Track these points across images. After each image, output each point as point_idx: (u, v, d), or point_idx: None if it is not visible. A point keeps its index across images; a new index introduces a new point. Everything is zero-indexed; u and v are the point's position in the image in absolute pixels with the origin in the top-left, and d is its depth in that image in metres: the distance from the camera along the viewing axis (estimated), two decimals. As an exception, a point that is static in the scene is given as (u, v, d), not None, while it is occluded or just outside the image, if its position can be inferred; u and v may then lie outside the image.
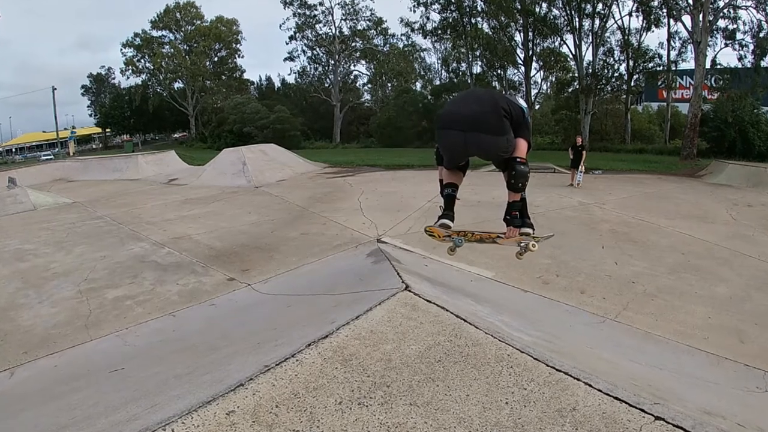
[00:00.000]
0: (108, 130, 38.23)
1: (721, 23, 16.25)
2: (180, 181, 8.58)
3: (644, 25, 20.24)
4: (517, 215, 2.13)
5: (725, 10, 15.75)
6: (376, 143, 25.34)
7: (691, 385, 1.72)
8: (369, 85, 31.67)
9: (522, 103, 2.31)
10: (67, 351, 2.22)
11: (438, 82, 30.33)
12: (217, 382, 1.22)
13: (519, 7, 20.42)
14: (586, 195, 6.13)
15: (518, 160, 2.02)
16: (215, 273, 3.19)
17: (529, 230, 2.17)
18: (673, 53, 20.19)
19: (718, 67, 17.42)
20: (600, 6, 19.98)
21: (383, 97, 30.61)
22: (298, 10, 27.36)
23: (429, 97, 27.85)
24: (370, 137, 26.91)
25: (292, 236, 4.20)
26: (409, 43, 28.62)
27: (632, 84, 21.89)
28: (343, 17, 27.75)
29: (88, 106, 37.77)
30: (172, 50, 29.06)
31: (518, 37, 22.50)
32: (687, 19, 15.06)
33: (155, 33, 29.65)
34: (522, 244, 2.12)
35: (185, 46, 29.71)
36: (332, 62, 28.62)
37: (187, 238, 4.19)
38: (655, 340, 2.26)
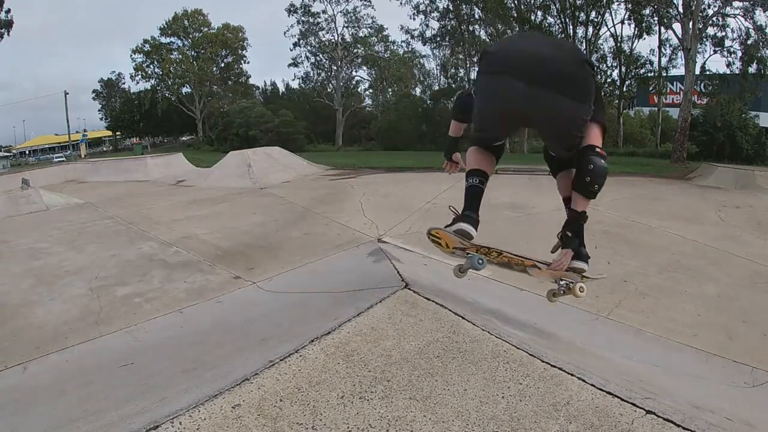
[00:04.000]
0: (118, 133, 39.01)
1: (711, 31, 16.61)
2: (187, 183, 8.71)
3: (636, 32, 20.70)
4: (573, 236, 1.55)
5: (714, 18, 16.09)
6: (377, 146, 25.64)
7: (680, 381, 1.74)
8: (370, 90, 32.21)
9: None
10: (78, 346, 2.28)
11: (437, 87, 30.85)
12: (223, 377, 1.27)
13: (515, 15, 20.91)
14: (584, 197, 6.11)
15: (597, 150, 1.41)
16: (221, 271, 3.25)
17: (584, 265, 1.62)
18: (663, 60, 20.65)
19: (708, 73, 17.83)
20: (593, 14, 20.44)
21: (384, 101, 31.09)
22: (302, 18, 28.03)
23: (428, 101, 28.27)
24: (372, 140, 27.23)
25: (295, 236, 4.26)
26: (409, 49, 29.16)
27: (624, 89, 22.35)
28: (346, 24, 28.34)
29: (99, 110, 38.61)
30: (180, 56, 29.69)
31: (514, 45, 22.92)
32: (677, 26, 15.37)
33: (164, 39, 30.34)
34: (563, 282, 1.59)
35: (193, 53, 30.37)
36: (335, 68, 29.14)
37: (194, 238, 4.27)
38: (646, 337, 2.27)
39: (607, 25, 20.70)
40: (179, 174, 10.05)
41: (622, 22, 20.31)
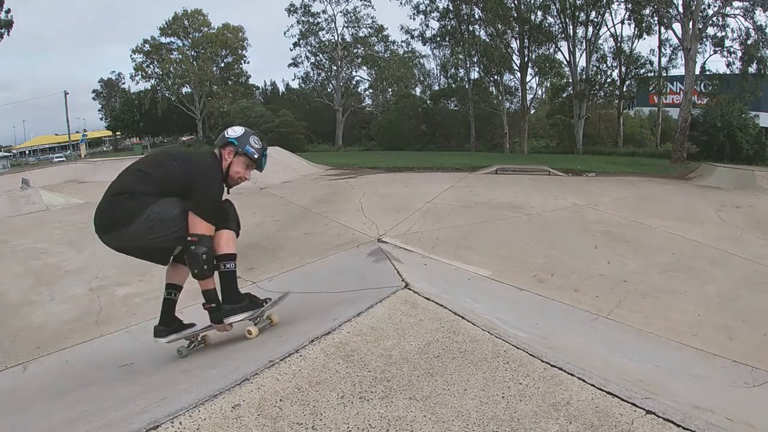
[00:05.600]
0: (118, 133, 39.05)
1: (710, 31, 16.67)
2: (187, 183, 8.69)
3: (636, 32, 20.74)
4: (215, 307, 1.80)
5: (714, 18, 16.13)
6: (377, 146, 25.68)
7: (680, 381, 1.74)
8: (370, 90, 32.23)
9: (232, 133, 1.84)
10: (78, 346, 2.28)
11: (437, 87, 30.94)
12: (222, 377, 1.27)
13: (515, 15, 20.94)
14: (580, 196, 6.14)
15: (189, 239, 1.68)
16: (221, 272, 3.25)
17: (238, 317, 1.81)
18: (663, 60, 20.74)
19: (708, 73, 17.89)
20: (593, 14, 20.48)
21: (384, 101, 31.15)
22: (302, 18, 28.02)
23: (428, 101, 28.29)
24: (371, 140, 27.28)
25: (295, 236, 4.26)
26: (409, 49, 29.19)
27: (624, 89, 22.40)
28: (346, 24, 28.35)
29: (99, 110, 38.67)
30: (180, 56, 29.70)
31: (514, 44, 23.02)
32: (677, 26, 15.39)
33: (164, 39, 30.34)
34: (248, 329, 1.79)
35: (193, 53, 30.38)
36: (335, 68, 29.17)
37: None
38: (646, 337, 2.27)
39: (607, 25, 20.76)
40: (179, 174, 10.01)
41: (622, 22, 20.37)
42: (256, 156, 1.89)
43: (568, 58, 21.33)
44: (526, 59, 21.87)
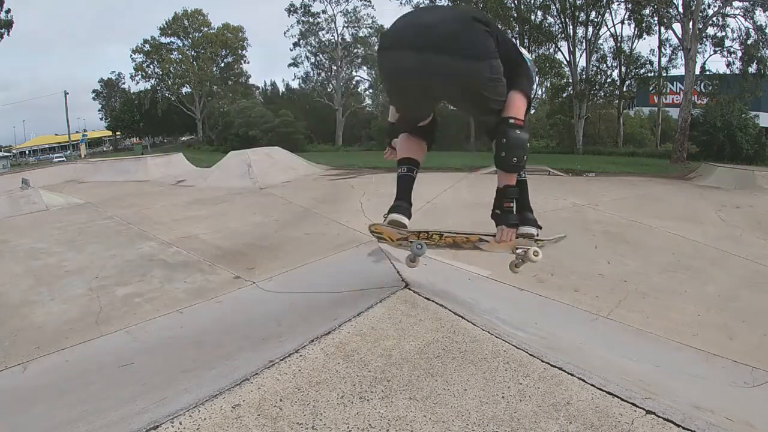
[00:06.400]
0: (118, 133, 39.06)
1: (710, 31, 16.71)
2: (187, 183, 8.71)
3: (636, 32, 20.73)
4: (512, 208, 1.50)
5: (714, 18, 16.16)
6: (377, 146, 25.71)
7: (680, 381, 1.74)
8: (370, 90, 32.20)
9: (524, 52, 1.60)
10: (78, 346, 2.28)
11: (437, 87, 31.00)
12: (222, 377, 1.27)
13: (515, 15, 20.95)
14: (580, 196, 6.14)
15: (511, 121, 1.35)
16: (221, 271, 3.26)
17: (532, 230, 1.60)
18: (663, 60, 20.78)
19: (708, 73, 17.94)
20: (593, 14, 20.49)
21: (384, 101, 31.11)
22: (302, 18, 28.06)
23: (429, 101, 28.24)
24: (372, 140, 27.30)
25: (295, 236, 4.26)
26: (409, 49, 29.22)
27: (624, 89, 22.40)
28: (346, 24, 28.38)
29: (99, 110, 38.67)
30: (180, 56, 29.75)
31: (514, 44, 23.03)
32: (677, 26, 15.42)
33: (164, 39, 30.38)
34: (518, 251, 1.55)
35: (193, 52, 30.43)
36: (335, 68, 29.20)
37: (194, 238, 4.27)
38: (647, 337, 2.28)
39: (607, 25, 20.80)
40: (179, 174, 10.05)
41: (622, 22, 20.40)
42: (533, 87, 1.60)
43: (568, 58, 21.37)
44: (526, 59, 21.91)
